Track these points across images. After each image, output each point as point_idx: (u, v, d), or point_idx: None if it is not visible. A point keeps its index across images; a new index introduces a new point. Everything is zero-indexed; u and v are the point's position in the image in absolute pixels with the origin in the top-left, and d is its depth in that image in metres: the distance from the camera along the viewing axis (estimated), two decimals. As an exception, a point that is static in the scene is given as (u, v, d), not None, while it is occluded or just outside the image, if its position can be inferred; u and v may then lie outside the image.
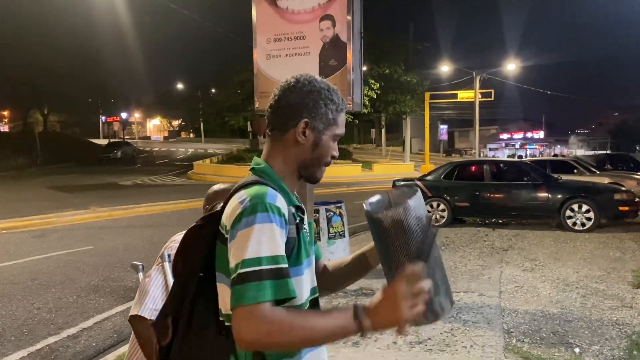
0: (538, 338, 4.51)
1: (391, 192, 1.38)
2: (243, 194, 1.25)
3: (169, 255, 2.05)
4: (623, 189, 11.16)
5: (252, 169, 1.39)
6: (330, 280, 1.54)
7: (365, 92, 25.64)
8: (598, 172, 14.21)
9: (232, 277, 1.17)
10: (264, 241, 1.17)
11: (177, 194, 17.80)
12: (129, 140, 54.61)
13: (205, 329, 1.30)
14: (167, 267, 2.04)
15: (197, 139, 65.70)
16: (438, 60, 34.83)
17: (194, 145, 56.80)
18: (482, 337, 4.49)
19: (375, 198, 1.36)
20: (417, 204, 1.28)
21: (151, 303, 1.99)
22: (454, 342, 4.38)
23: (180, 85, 62.10)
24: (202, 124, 59.98)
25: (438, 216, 11.06)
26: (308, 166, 1.39)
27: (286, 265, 1.19)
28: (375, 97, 28.54)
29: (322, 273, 1.53)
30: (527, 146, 59.53)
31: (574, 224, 10.14)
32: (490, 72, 32.91)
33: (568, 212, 10.21)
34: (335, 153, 1.42)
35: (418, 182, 11.44)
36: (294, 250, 1.28)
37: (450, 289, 1.34)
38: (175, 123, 78.49)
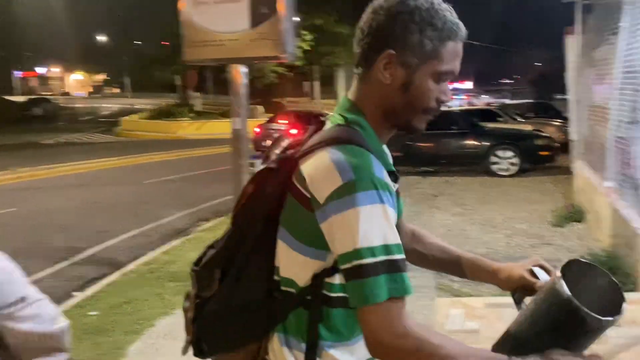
0: (467, 276, 4.78)
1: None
2: (341, 158, 1.00)
3: None
4: (544, 134, 11.79)
5: (341, 116, 1.10)
6: (414, 254, 1.36)
7: (299, 43, 25.23)
8: (521, 120, 14.91)
9: (345, 267, 0.98)
10: (378, 226, 0.97)
11: (105, 152, 17.10)
12: (49, 97, 51.36)
13: (255, 287, 1.13)
14: None
15: (123, 94, 62.67)
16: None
17: (119, 100, 54.16)
18: (416, 279, 4.65)
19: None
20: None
21: None
22: (389, 285, 4.55)
23: (102, 37, 58.59)
24: (127, 79, 57.23)
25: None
26: (399, 114, 1.10)
27: (403, 257, 0.99)
28: (308, 48, 28.19)
29: (412, 239, 1.36)
30: (455, 97, 61.22)
31: (500, 169, 10.66)
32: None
33: (494, 158, 10.71)
34: (444, 97, 1.11)
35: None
36: None
37: None
38: (99, 78, 74.39)
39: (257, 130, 15.70)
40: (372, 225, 0.96)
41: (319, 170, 1.01)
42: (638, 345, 3.16)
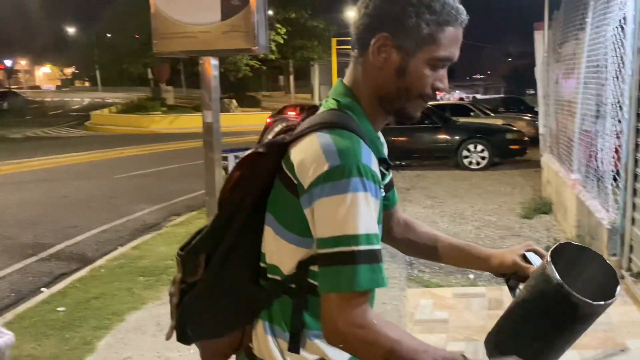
0: (437, 268, 4.83)
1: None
2: (329, 142, 0.97)
3: None
4: (514, 129, 12.00)
5: (335, 100, 1.08)
6: (406, 243, 1.38)
7: (272, 37, 25.11)
8: (492, 115, 15.15)
9: (323, 252, 0.97)
10: (360, 214, 0.95)
11: (75, 147, 16.78)
12: (16, 90, 50.05)
13: (240, 273, 1.11)
14: None
15: (93, 87, 61.46)
16: (344, 3, 34.67)
17: (90, 94, 53.17)
18: (387, 270, 4.69)
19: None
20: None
21: None
22: (361, 277, 4.59)
23: (71, 30, 57.29)
24: (98, 72, 56.14)
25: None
26: (393, 99, 1.06)
27: (380, 247, 0.98)
28: (282, 42, 28.07)
29: (405, 229, 1.37)
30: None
31: (470, 163, 10.83)
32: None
33: (465, 152, 10.87)
34: (441, 84, 1.06)
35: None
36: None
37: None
38: (68, 71, 72.75)
39: (269, 120, 15.82)
40: (355, 213, 0.94)
41: (307, 154, 0.99)
42: (600, 332, 3.26)
